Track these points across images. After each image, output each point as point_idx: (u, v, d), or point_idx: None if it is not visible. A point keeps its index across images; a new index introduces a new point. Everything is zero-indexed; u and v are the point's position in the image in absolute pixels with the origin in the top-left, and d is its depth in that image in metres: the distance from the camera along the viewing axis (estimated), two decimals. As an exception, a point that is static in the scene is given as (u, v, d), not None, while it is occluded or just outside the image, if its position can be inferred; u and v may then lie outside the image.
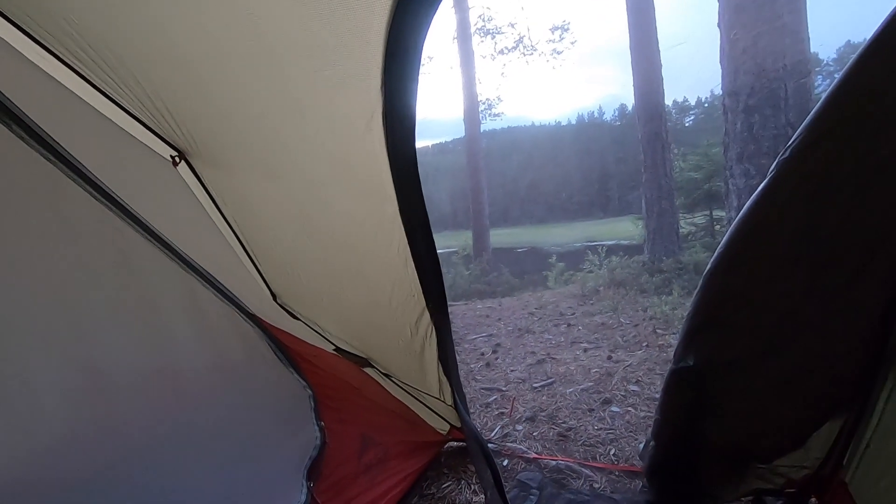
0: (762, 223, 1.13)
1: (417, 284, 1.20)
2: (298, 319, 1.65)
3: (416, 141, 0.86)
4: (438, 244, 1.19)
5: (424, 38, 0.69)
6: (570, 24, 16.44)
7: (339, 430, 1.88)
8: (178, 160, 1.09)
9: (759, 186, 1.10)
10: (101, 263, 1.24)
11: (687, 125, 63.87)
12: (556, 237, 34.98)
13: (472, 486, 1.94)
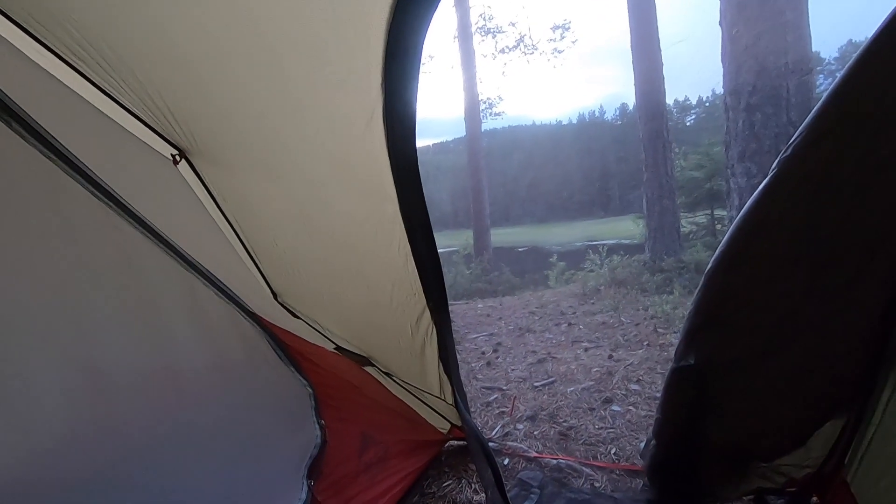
0: (763, 222, 1.13)
1: (418, 283, 1.20)
2: (299, 318, 1.65)
3: (416, 140, 0.86)
4: (439, 243, 1.19)
5: (425, 36, 0.69)
6: (570, 23, 16.46)
7: (339, 428, 1.89)
8: (178, 159, 1.09)
9: (760, 185, 1.10)
10: (101, 262, 1.24)
11: (688, 124, 63.86)
12: (556, 236, 34.98)
13: (472, 484, 1.94)
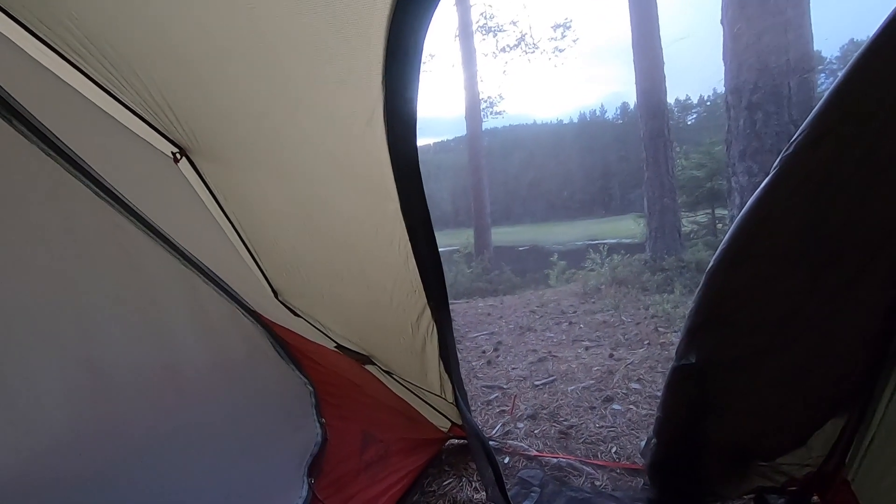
0: (765, 221, 1.12)
1: (419, 282, 1.20)
2: (300, 317, 1.65)
3: (417, 138, 0.86)
4: (440, 242, 1.19)
5: (425, 34, 0.69)
6: (571, 21, 16.40)
7: (340, 426, 1.89)
8: (179, 157, 1.09)
9: (761, 184, 1.09)
10: (102, 260, 1.24)
11: (689, 123, 63.73)
12: (557, 235, 34.96)
13: (473, 483, 1.95)
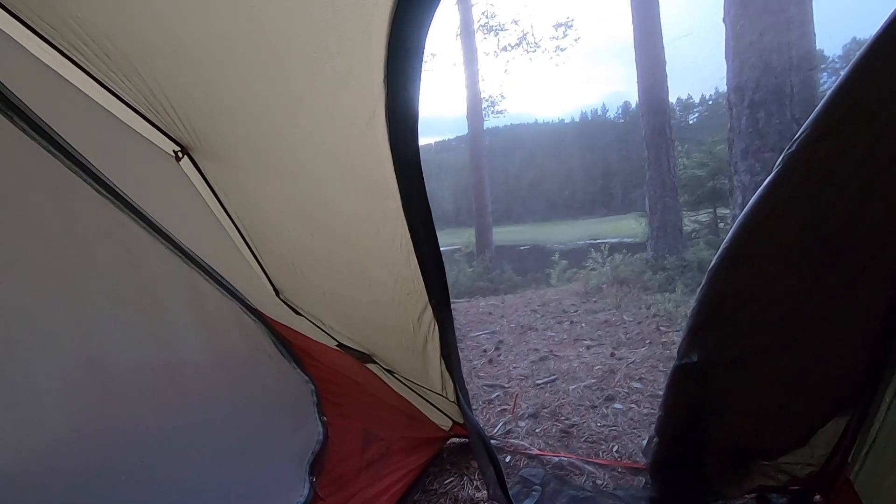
0: (767, 219, 1.12)
1: (420, 281, 1.20)
2: (301, 315, 1.65)
3: (418, 137, 0.86)
4: (441, 242, 1.19)
5: (427, 33, 0.69)
6: (573, 20, 16.35)
7: (341, 425, 1.89)
8: (180, 155, 1.09)
9: (763, 182, 1.09)
10: (103, 258, 1.24)
11: (691, 122, 63.64)
12: (558, 235, 34.89)
13: (474, 482, 1.95)
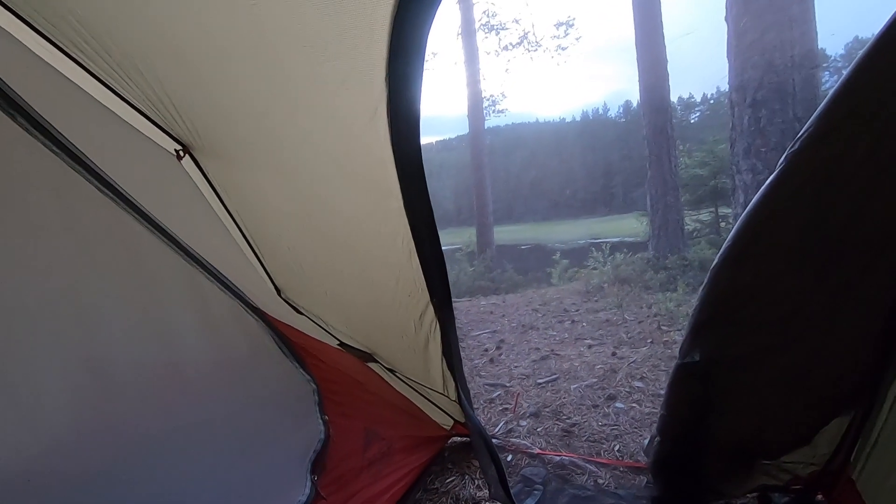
0: (769, 218, 1.12)
1: (422, 280, 1.19)
2: (303, 314, 1.65)
3: (420, 137, 0.86)
4: (442, 241, 1.19)
5: (428, 32, 0.69)
6: (574, 19, 16.32)
7: (343, 424, 1.89)
8: (182, 154, 1.09)
9: (766, 181, 1.09)
10: (104, 257, 1.24)
11: (693, 121, 63.52)
12: (560, 234, 34.83)
13: (475, 481, 1.95)
